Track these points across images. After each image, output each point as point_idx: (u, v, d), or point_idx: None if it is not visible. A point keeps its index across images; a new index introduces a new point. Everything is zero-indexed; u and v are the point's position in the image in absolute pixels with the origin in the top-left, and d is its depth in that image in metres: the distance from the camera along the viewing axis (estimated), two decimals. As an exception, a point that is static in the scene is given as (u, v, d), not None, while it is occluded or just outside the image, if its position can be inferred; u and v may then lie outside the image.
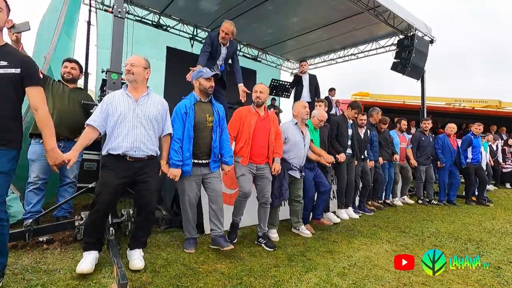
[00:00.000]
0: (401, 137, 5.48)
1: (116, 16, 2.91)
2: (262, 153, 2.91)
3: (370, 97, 11.98)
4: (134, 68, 2.21)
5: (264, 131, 2.91)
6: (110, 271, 2.11)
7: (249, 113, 2.92)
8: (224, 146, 2.69)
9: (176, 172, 2.43)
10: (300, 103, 3.37)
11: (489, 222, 4.31)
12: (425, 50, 6.86)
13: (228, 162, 2.71)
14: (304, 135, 3.28)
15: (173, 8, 6.85)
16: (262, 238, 2.90)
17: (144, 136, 2.20)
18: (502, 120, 10.97)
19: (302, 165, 3.28)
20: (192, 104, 2.54)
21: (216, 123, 2.59)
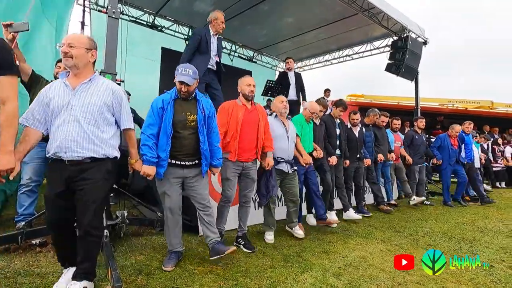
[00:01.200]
0: (396, 136, 5.48)
1: (110, 17, 2.89)
2: (251, 148, 2.79)
3: (365, 98, 12.07)
4: (73, 50, 1.78)
5: (253, 124, 2.79)
6: (104, 273, 2.10)
7: (236, 106, 2.79)
8: (213, 147, 2.45)
9: (150, 170, 2.19)
10: (277, 98, 3.29)
11: (482, 221, 4.36)
12: (418, 52, 6.93)
13: (217, 165, 2.51)
14: (287, 127, 3.18)
15: (168, 9, 6.83)
16: (241, 239, 2.81)
17: (78, 133, 1.75)
18: (494, 120, 11.13)
19: (290, 159, 3.18)
20: (172, 99, 2.28)
21: (201, 123, 2.32)
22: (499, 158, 8.29)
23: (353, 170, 4.44)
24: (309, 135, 3.62)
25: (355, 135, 4.47)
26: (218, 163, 2.51)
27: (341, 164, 4.22)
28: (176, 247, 2.39)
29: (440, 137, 5.78)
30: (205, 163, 2.38)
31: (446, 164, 5.58)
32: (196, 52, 3.73)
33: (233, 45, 8.76)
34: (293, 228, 3.26)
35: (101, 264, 2.23)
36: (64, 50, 1.77)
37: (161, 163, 2.24)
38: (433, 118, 10.83)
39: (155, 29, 7.24)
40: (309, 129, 3.64)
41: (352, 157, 4.37)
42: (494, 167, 8.27)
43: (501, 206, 5.68)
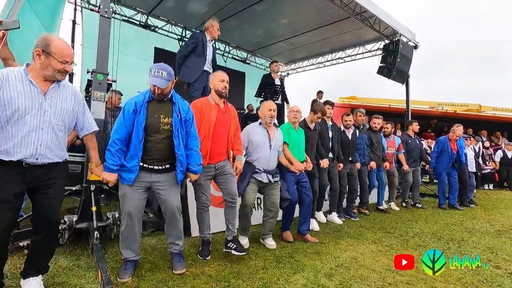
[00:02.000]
0: (389, 142, 5.35)
1: (102, 16, 2.86)
2: (222, 151, 2.64)
3: (357, 101, 12.20)
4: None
5: (224, 126, 2.63)
6: (94, 276, 2.07)
7: (208, 105, 2.58)
8: (191, 152, 2.29)
9: (109, 177, 2.07)
10: (267, 104, 3.06)
11: (470, 222, 4.46)
12: (409, 55, 7.06)
13: (196, 171, 2.32)
14: (271, 136, 3.01)
15: (161, 9, 6.79)
16: (232, 243, 2.59)
17: (52, 140, 1.75)
18: (482, 123, 11.40)
19: (271, 169, 2.96)
20: (145, 101, 2.13)
21: (176, 126, 2.16)
22: (487, 161, 8.47)
23: (346, 172, 4.36)
24: (298, 143, 3.38)
25: (348, 137, 4.40)
26: (197, 169, 2.32)
27: (335, 167, 4.13)
28: (133, 256, 2.19)
29: (440, 141, 5.68)
30: (181, 169, 2.21)
31: (442, 168, 5.52)
32: (192, 53, 3.90)
33: (227, 46, 8.76)
34: (266, 240, 3.02)
35: (91, 267, 2.20)
36: (69, 69, 1.78)
37: (132, 169, 2.10)
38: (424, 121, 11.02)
39: (148, 29, 7.19)
40: (298, 136, 3.41)
41: (345, 160, 4.31)
42: (482, 169, 8.46)
43: (489, 207, 5.81)
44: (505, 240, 3.56)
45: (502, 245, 3.36)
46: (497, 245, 3.34)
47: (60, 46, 1.73)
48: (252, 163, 2.92)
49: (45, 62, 1.69)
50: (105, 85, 2.81)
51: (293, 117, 3.38)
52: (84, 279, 2.02)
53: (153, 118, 2.13)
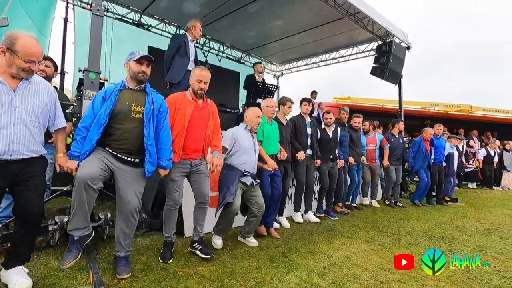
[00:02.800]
0: (368, 139, 5.49)
1: (94, 14, 2.83)
2: (197, 148, 2.55)
3: (351, 101, 12.29)
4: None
5: (201, 123, 2.54)
6: (86, 277, 2.04)
7: (185, 100, 2.50)
8: (162, 146, 2.23)
9: (71, 164, 1.99)
10: (254, 111, 3.05)
11: (460, 220, 4.53)
12: (402, 56, 7.14)
13: (166, 166, 2.27)
14: (254, 140, 3.06)
15: (155, 8, 6.74)
16: (198, 244, 2.57)
17: (25, 136, 1.76)
18: (473, 123, 11.61)
19: (255, 172, 3.02)
20: (117, 90, 2.10)
21: (148, 116, 2.11)
22: (471, 160, 8.61)
23: (326, 170, 4.35)
24: (272, 136, 3.43)
25: (329, 135, 4.39)
26: (167, 165, 2.27)
27: (313, 164, 4.10)
28: (79, 231, 2.00)
29: (416, 141, 5.85)
30: (150, 160, 2.12)
31: (418, 167, 5.68)
32: (176, 55, 3.98)
33: (221, 46, 8.74)
34: (246, 238, 3.01)
35: (82, 268, 2.18)
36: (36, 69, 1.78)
37: (87, 153, 2.01)
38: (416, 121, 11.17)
39: (142, 28, 7.12)
40: (272, 129, 3.45)
41: (325, 157, 4.29)
42: (466, 167, 8.59)
43: (479, 206, 5.91)
44: (494, 238, 3.63)
45: (491, 243, 3.42)
46: (486, 243, 3.41)
47: (26, 45, 1.70)
48: (238, 167, 2.88)
49: (9, 60, 1.68)
50: (97, 84, 2.79)
51: (271, 112, 3.43)
52: (75, 280, 2.00)
53: (124, 105, 2.08)
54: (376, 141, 5.52)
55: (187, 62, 4.00)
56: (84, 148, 2.01)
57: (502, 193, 7.94)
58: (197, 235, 2.61)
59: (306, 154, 3.93)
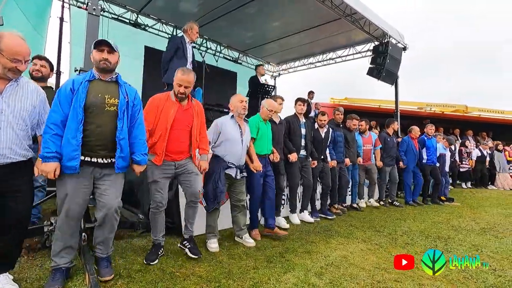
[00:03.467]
0: (365, 139, 5.46)
1: (90, 14, 2.81)
2: (182, 150, 2.48)
3: (348, 101, 12.35)
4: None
5: (185, 124, 2.47)
6: (82, 278, 2.03)
7: (168, 101, 2.43)
8: (137, 141, 2.10)
9: (47, 167, 1.79)
10: (237, 97, 3.03)
11: (456, 220, 4.56)
12: (398, 57, 7.18)
13: (140, 161, 2.13)
14: (243, 131, 2.96)
15: (151, 8, 6.71)
16: (187, 242, 2.55)
17: (12, 139, 1.71)
18: (468, 123, 11.71)
19: (241, 164, 2.96)
20: (86, 80, 1.93)
21: (122, 109, 1.98)
22: (465, 160, 8.67)
23: (318, 171, 4.33)
24: (267, 135, 3.40)
25: (321, 135, 4.38)
26: (142, 160, 2.13)
27: (308, 164, 4.10)
28: (64, 262, 1.94)
29: (405, 140, 5.87)
30: (121, 155, 1.98)
31: (410, 166, 5.70)
32: (174, 57, 4.04)
33: (218, 46, 8.73)
34: (243, 237, 2.99)
35: (78, 269, 2.16)
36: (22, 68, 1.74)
37: (72, 154, 1.83)
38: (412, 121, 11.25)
39: (138, 28, 7.09)
40: (266, 129, 3.43)
41: (317, 157, 4.27)
42: (460, 167, 8.66)
43: (474, 205, 5.96)
44: (490, 237, 3.66)
45: (486, 242, 3.45)
46: (482, 242, 3.43)
47: (11, 44, 1.67)
48: (224, 158, 2.83)
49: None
50: (93, 84, 2.76)
51: (268, 115, 3.42)
52: (71, 282, 1.98)
53: (96, 98, 1.92)
54: (372, 141, 5.51)
55: (185, 64, 4.06)
56: (69, 149, 1.83)
57: (497, 193, 8.02)
58: (188, 233, 2.60)
59: (300, 155, 3.91)
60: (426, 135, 6.11)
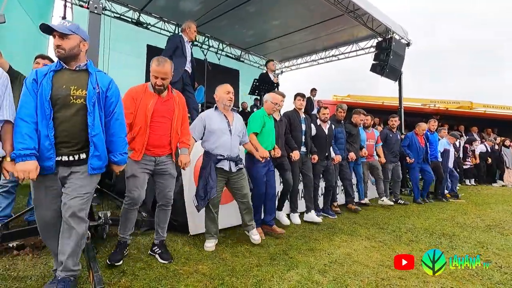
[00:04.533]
0: (368, 134, 5.29)
1: (92, 12, 2.81)
2: (163, 144, 2.34)
3: (351, 98, 12.29)
4: None
5: (166, 117, 2.33)
6: (86, 276, 2.04)
7: (146, 93, 2.28)
8: (114, 139, 1.89)
9: (24, 166, 1.56)
10: (223, 87, 2.87)
11: (461, 217, 4.52)
12: (402, 53, 7.12)
13: (119, 162, 1.94)
14: (230, 121, 2.82)
15: (153, 6, 6.72)
16: (158, 247, 2.44)
17: None
18: (473, 120, 11.60)
19: (234, 155, 2.80)
20: (51, 71, 1.72)
21: (91, 101, 1.74)
22: (468, 157, 8.58)
23: (322, 169, 4.18)
24: (271, 130, 3.32)
25: (325, 131, 4.22)
26: (120, 159, 1.94)
27: (308, 161, 3.97)
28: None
29: (408, 136, 5.71)
30: (96, 154, 1.77)
31: (415, 162, 5.56)
32: (173, 56, 4.02)
33: (221, 44, 8.71)
34: (250, 232, 2.91)
35: (82, 267, 2.17)
36: None
37: (46, 154, 1.66)
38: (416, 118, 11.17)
39: (140, 26, 7.10)
40: (271, 124, 3.34)
41: (320, 155, 4.12)
42: (464, 164, 8.57)
43: (479, 202, 5.90)
44: (495, 234, 3.62)
45: (492, 239, 3.41)
46: (487, 239, 3.40)
47: None
48: (212, 152, 2.73)
49: None
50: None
51: (273, 109, 3.33)
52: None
53: (60, 89, 1.70)
54: (374, 137, 5.39)
55: (184, 62, 4.07)
56: (42, 148, 1.65)
57: (502, 190, 7.93)
58: (158, 238, 2.48)
59: (301, 151, 3.82)
60: (428, 130, 5.97)
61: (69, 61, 1.77)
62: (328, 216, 4.19)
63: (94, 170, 1.78)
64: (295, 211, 3.88)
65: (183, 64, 4.05)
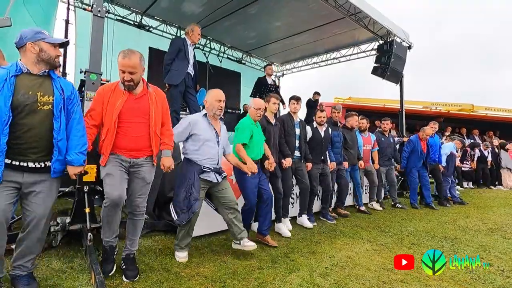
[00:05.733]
0: (365, 139, 5.16)
1: (95, 16, 2.83)
2: (140, 147, 2.12)
3: (352, 101, 12.28)
4: None
5: (141, 116, 2.11)
6: (88, 278, 2.05)
7: (115, 91, 2.09)
8: (72, 137, 1.84)
9: None
10: (213, 93, 2.63)
11: (463, 220, 4.51)
12: (403, 56, 7.13)
13: (72, 161, 1.83)
14: (218, 131, 2.64)
15: (155, 9, 6.76)
16: (123, 262, 2.17)
17: None
18: (474, 122, 11.57)
19: (219, 167, 2.63)
20: (12, 76, 1.65)
21: (58, 107, 1.75)
22: (467, 160, 8.55)
23: (318, 172, 4.05)
24: (259, 139, 3.12)
25: (321, 135, 4.10)
26: (75, 159, 1.84)
27: (303, 166, 3.83)
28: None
29: (412, 140, 5.60)
30: (60, 158, 1.78)
31: (411, 167, 5.49)
32: (176, 58, 4.06)
33: (222, 47, 8.75)
34: (242, 242, 2.61)
35: (84, 269, 2.18)
36: None
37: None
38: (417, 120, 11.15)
39: (143, 29, 7.15)
40: (259, 132, 3.14)
41: (316, 158, 4.03)
42: (462, 167, 8.54)
43: (481, 205, 5.88)
44: (497, 238, 3.61)
45: (494, 243, 3.40)
46: (489, 243, 3.39)
47: None
48: (198, 162, 2.50)
49: None
50: (98, 85, 2.79)
51: (257, 115, 3.10)
52: (77, 281, 2.00)
53: (25, 95, 1.67)
54: (371, 141, 5.25)
55: (187, 65, 4.10)
56: None
57: (504, 193, 7.90)
58: (126, 251, 2.21)
59: (294, 156, 3.68)
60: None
61: (48, 68, 1.79)
62: (326, 221, 4.08)
63: (55, 173, 1.80)
64: (286, 216, 3.66)
65: (186, 67, 4.08)
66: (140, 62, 2.08)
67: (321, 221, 4.10)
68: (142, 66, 2.11)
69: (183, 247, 2.52)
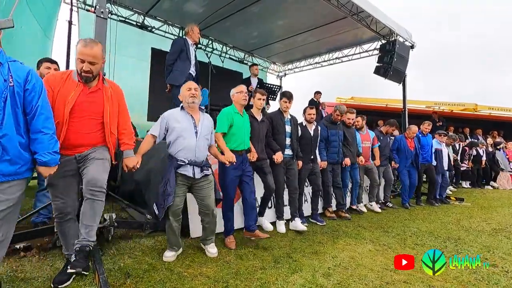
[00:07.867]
0: (363, 136, 5.07)
1: (98, 17, 2.84)
2: (86, 143, 1.97)
3: (354, 100, 12.25)
4: None
5: (92, 111, 1.97)
6: (92, 277, 2.06)
7: (67, 82, 1.92)
8: (40, 136, 1.64)
9: None
10: (184, 85, 2.61)
11: (466, 220, 4.48)
12: (406, 55, 7.09)
13: (49, 162, 1.67)
14: (196, 121, 2.53)
15: (158, 9, 6.77)
16: (76, 253, 1.90)
17: None
18: (478, 122, 11.49)
19: (199, 161, 2.49)
20: None
21: (2, 96, 1.50)
22: (466, 160, 8.50)
23: (307, 172, 3.97)
24: (243, 128, 3.03)
25: (310, 133, 4.01)
26: (50, 159, 1.68)
27: (294, 165, 3.74)
28: None
29: (397, 139, 5.61)
30: (6, 158, 1.52)
31: (402, 166, 5.46)
32: (178, 59, 4.09)
33: (224, 47, 8.75)
34: (206, 246, 2.66)
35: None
36: None
37: None
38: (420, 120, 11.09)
39: (145, 30, 7.16)
40: (243, 121, 3.05)
41: (305, 157, 3.92)
42: (461, 166, 8.48)
43: (485, 205, 5.84)
44: (502, 238, 3.59)
45: (498, 243, 3.38)
46: (493, 243, 3.37)
47: None
48: (174, 155, 2.44)
49: None
50: (101, 86, 2.80)
51: (243, 99, 3.02)
52: (81, 281, 2.01)
53: None
54: (370, 138, 5.19)
55: (189, 66, 4.11)
56: None
57: (508, 193, 7.84)
58: (81, 242, 1.90)
59: (285, 155, 3.57)
60: (421, 133, 5.83)
61: None
62: (316, 223, 3.93)
63: (5, 176, 1.54)
64: (281, 218, 3.61)
65: (188, 67, 4.09)
66: (102, 53, 1.99)
67: (311, 223, 3.96)
68: (103, 57, 2.02)
69: (171, 246, 2.54)
